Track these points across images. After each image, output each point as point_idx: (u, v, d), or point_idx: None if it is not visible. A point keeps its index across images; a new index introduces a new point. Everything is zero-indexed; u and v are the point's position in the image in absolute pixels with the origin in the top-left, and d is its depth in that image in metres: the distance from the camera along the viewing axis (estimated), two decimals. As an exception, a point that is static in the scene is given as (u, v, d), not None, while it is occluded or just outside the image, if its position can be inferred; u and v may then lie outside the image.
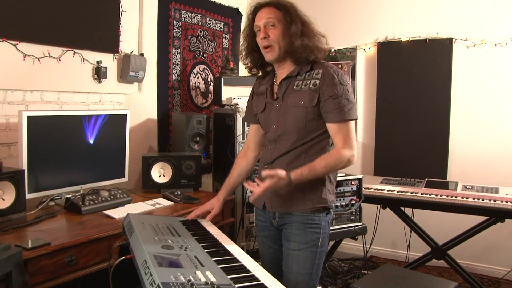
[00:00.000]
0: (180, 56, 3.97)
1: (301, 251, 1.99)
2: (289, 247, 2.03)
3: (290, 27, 1.97)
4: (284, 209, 2.04)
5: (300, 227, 2.00)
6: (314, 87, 1.95)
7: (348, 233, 3.14)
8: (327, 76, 1.94)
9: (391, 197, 3.29)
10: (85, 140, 2.85)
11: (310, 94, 1.95)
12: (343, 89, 1.92)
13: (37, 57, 2.78)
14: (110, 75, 3.28)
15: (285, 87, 2.04)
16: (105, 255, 2.23)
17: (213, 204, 2.29)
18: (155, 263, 1.43)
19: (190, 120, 3.54)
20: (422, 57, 4.07)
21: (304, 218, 2.00)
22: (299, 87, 1.99)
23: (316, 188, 2.00)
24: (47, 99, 2.89)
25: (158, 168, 3.24)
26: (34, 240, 2.01)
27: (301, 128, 1.98)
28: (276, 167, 2.00)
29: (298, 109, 1.98)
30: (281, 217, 2.07)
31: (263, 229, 2.19)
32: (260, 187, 1.84)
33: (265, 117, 2.13)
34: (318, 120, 1.97)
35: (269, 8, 2.01)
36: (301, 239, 1.99)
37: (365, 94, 4.47)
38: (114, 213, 2.55)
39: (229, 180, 2.32)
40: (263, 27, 2.00)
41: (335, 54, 4.52)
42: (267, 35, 1.99)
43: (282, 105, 2.04)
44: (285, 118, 2.02)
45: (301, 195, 2.00)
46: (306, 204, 1.99)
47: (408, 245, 3.93)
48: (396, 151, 4.25)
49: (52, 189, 2.69)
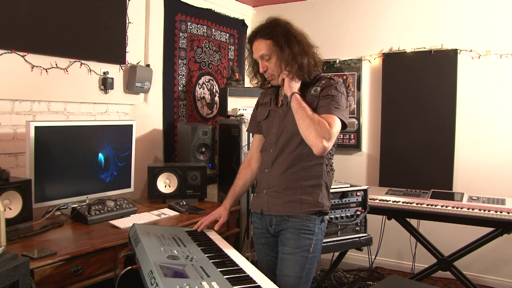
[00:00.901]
0: (186, 67, 3.99)
1: (293, 255, 2.02)
2: (282, 251, 2.06)
3: (283, 54, 2.02)
4: (281, 213, 2.06)
5: (294, 233, 2.03)
6: (314, 93, 2.03)
7: (353, 244, 3.12)
8: (327, 83, 2.03)
9: (397, 208, 3.28)
10: (91, 150, 2.86)
11: (311, 98, 2.02)
12: (338, 94, 1.99)
13: (45, 68, 2.81)
14: (117, 86, 3.31)
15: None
16: (111, 265, 2.22)
17: (220, 213, 2.31)
18: (161, 273, 1.43)
19: (196, 130, 3.55)
20: (427, 68, 4.08)
21: (299, 224, 2.03)
22: (303, 95, 2.04)
23: (312, 192, 2.04)
24: (54, 109, 2.92)
25: (164, 179, 3.24)
26: (40, 250, 2.02)
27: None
28: (275, 169, 2.09)
29: None
30: (277, 223, 2.09)
31: (260, 236, 2.21)
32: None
33: (268, 123, 2.18)
34: None
35: (260, 41, 2.06)
36: (294, 244, 2.03)
37: (370, 104, 4.47)
38: (120, 223, 2.55)
39: (234, 189, 2.34)
40: (260, 60, 2.09)
41: (340, 65, 4.53)
42: (265, 68, 2.08)
43: (285, 111, 2.10)
44: (287, 122, 2.07)
45: (298, 198, 2.04)
46: (303, 207, 2.03)
47: (413, 256, 3.91)
48: (401, 161, 4.24)
49: (58, 199, 2.70)
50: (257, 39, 2.08)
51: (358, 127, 4.48)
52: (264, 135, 2.23)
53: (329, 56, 4.57)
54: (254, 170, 2.32)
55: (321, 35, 4.61)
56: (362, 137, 4.51)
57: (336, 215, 3.03)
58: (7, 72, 2.61)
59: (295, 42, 2.03)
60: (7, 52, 2.59)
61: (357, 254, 3.75)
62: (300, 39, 2.06)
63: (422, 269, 3.57)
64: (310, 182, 2.05)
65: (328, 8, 4.59)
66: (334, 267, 3.57)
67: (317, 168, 2.05)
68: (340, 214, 3.05)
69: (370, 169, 4.49)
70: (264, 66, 2.08)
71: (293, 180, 2.05)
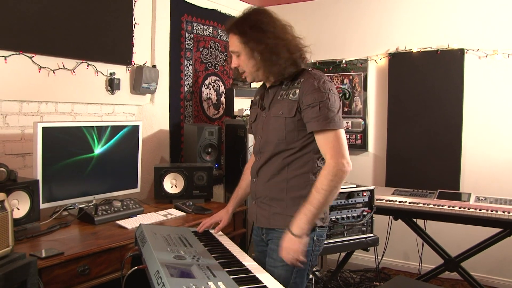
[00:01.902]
0: (192, 67, 4.00)
1: (276, 268, 1.90)
2: (267, 263, 1.96)
3: (253, 52, 1.87)
4: (267, 225, 1.98)
5: (277, 244, 1.87)
6: (293, 97, 1.86)
7: (359, 245, 3.12)
8: (306, 84, 1.83)
9: (403, 208, 3.27)
10: (98, 151, 2.87)
11: (290, 104, 1.86)
12: (323, 96, 1.79)
13: (52, 69, 2.82)
14: (123, 86, 3.32)
15: (271, 96, 1.97)
16: (118, 265, 2.23)
17: (221, 216, 2.26)
18: (167, 273, 1.44)
19: (202, 131, 3.55)
20: (433, 68, 4.06)
21: (283, 236, 1.85)
22: (282, 97, 1.91)
23: (298, 204, 1.85)
24: (61, 110, 2.93)
25: (170, 179, 3.24)
26: (47, 250, 2.03)
27: (281, 139, 1.90)
28: (261, 178, 1.99)
29: (278, 119, 1.90)
30: (266, 233, 2.03)
31: (257, 244, 2.15)
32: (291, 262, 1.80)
33: (255, 127, 2.09)
34: (298, 132, 1.87)
35: (231, 36, 1.93)
36: (277, 257, 1.86)
37: (376, 105, 4.46)
38: (127, 223, 2.56)
39: (237, 191, 2.29)
40: (233, 56, 1.96)
41: (346, 66, 4.53)
42: (236, 64, 1.96)
43: (267, 115, 1.97)
44: (267, 129, 1.95)
45: (283, 211, 1.92)
46: (288, 220, 1.84)
47: (420, 256, 3.89)
48: (408, 162, 4.23)
49: (65, 199, 2.71)
50: (229, 33, 1.94)
51: (364, 127, 4.48)
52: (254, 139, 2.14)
53: (335, 57, 4.56)
54: None
55: (327, 35, 4.62)
56: (369, 137, 4.50)
57: (342, 215, 3.03)
58: (15, 73, 2.63)
59: (264, 36, 1.84)
60: (15, 54, 2.61)
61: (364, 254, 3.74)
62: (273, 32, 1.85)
63: (429, 269, 3.56)
64: (296, 193, 1.90)
65: (334, 8, 4.58)
66: (341, 268, 3.57)
67: (304, 178, 1.90)
68: (346, 214, 3.04)
69: (376, 169, 4.48)
70: (235, 62, 1.95)
71: (277, 191, 1.93)
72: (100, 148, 2.88)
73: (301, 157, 1.90)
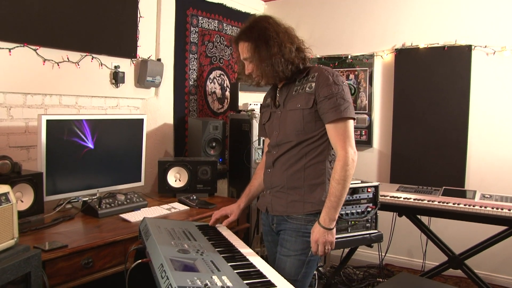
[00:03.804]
0: (197, 61, 3.99)
1: (289, 257, 2.00)
2: (280, 252, 2.05)
3: (263, 56, 1.98)
4: (284, 213, 2.05)
5: (292, 235, 2.01)
6: (310, 90, 1.98)
7: (363, 241, 3.10)
8: (322, 78, 1.96)
9: (408, 205, 3.25)
10: (103, 144, 2.88)
11: (306, 96, 1.98)
12: (338, 88, 1.93)
13: (57, 61, 2.82)
14: (128, 80, 3.32)
15: (285, 93, 2.08)
16: (121, 259, 2.25)
17: (232, 210, 2.30)
18: (171, 267, 1.44)
19: (207, 125, 3.57)
20: (440, 64, 4.04)
21: (297, 226, 2.01)
22: (297, 92, 2.03)
23: (315, 191, 2.00)
24: (65, 103, 2.94)
25: (174, 173, 3.25)
26: (51, 242, 2.04)
27: (300, 131, 2.00)
28: (277, 169, 2.08)
29: (295, 112, 2.01)
30: (277, 223, 2.09)
31: (267, 233, 2.22)
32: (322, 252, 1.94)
33: (269, 126, 2.17)
34: (316, 122, 1.98)
35: (241, 44, 2.06)
36: (291, 246, 2.00)
37: (382, 101, 4.44)
38: (130, 217, 2.57)
39: (249, 188, 2.34)
40: (245, 63, 2.08)
41: (352, 61, 4.50)
42: (250, 70, 2.07)
43: (283, 111, 2.08)
44: (284, 123, 2.05)
45: (300, 198, 2.01)
46: (305, 207, 2.00)
47: (424, 253, 3.88)
48: (413, 158, 4.21)
49: (69, 192, 2.72)
50: (238, 41, 2.07)
51: (370, 123, 4.47)
52: (268, 137, 2.22)
53: (340, 52, 4.55)
54: None
55: (333, 30, 4.59)
56: (374, 134, 4.49)
57: (346, 211, 3.01)
58: (19, 65, 2.63)
59: (272, 41, 1.97)
60: (19, 46, 2.61)
61: (367, 250, 3.75)
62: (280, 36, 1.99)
63: (433, 266, 3.54)
64: (312, 180, 2.01)
65: (340, 3, 4.56)
66: (344, 264, 3.56)
67: (320, 166, 2.01)
68: (350, 210, 3.02)
69: (381, 165, 4.47)
70: (248, 68, 2.07)
71: (295, 179, 2.03)
72: (104, 141, 2.88)
73: (319, 146, 2.01)
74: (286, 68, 1.99)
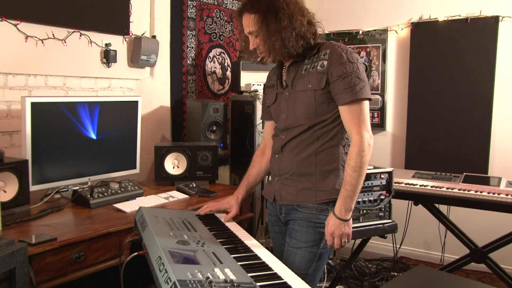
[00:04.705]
0: (195, 38, 3.96)
1: (300, 249, 2.00)
2: (289, 244, 2.04)
3: (272, 30, 1.93)
4: (294, 202, 2.03)
5: (303, 225, 2.01)
6: (321, 69, 1.95)
7: (376, 231, 3.08)
8: (335, 55, 1.93)
9: (424, 192, 3.22)
10: (94, 128, 2.86)
11: (318, 76, 1.95)
12: (353, 67, 1.90)
13: (41, 38, 2.78)
14: (120, 59, 3.29)
15: (293, 73, 2.05)
16: (116, 252, 2.25)
17: (231, 204, 2.26)
18: (170, 259, 1.44)
19: (206, 108, 3.55)
20: (462, 39, 3.98)
21: (308, 215, 2.00)
22: (307, 71, 2.00)
23: (327, 178, 1.99)
24: (52, 84, 2.90)
25: (172, 159, 3.24)
26: (38, 235, 2.02)
27: (311, 113, 1.97)
28: (286, 154, 2.06)
29: (306, 93, 1.98)
30: (286, 212, 2.09)
31: (273, 224, 2.22)
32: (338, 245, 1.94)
33: (276, 108, 2.14)
34: (328, 104, 1.96)
35: (246, 16, 2.00)
36: (302, 237, 2.00)
37: (396, 80, 4.41)
38: (125, 207, 2.56)
39: (247, 178, 2.31)
40: (250, 37, 2.04)
41: (363, 37, 4.47)
42: (255, 45, 2.03)
43: (291, 93, 2.05)
44: (294, 105, 2.02)
45: (312, 185, 2.00)
46: (318, 195, 1.99)
47: (443, 246, 3.87)
48: (430, 142, 4.19)
49: (58, 180, 2.70)
50: (243, 13, 2.02)
51: (383, 105, 4.45)
52: (274, 121, 2.19)
53: (351, 27, 4.51)
54: (268, 157, 2.28)
55: (343, 3, 4.55)
56: (387, 115, 4.47)
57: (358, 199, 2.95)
58: (-2, 42, 2.59)
59: (282, 13, 1.92)
60: (-3, 20, 2.57)
61: (381, 242, 3.73)
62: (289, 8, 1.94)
63: (453, 260, 3.52)
64: (325, 167, 1.99)
65: (351, -27, 4.51)
66: (355, 256, 3.54)
67: (333, 151, 1.99)
68: (362, 198, 3.00)
69: (395, 150, 4.45)
70: (254, 43, 2.02)
71: (306, 166, 2.01)
72: (95, 125, 2.86)
73: (331, 130, 1.99)
74: (296, 44, 1.94)
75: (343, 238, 1.92)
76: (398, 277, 3.03)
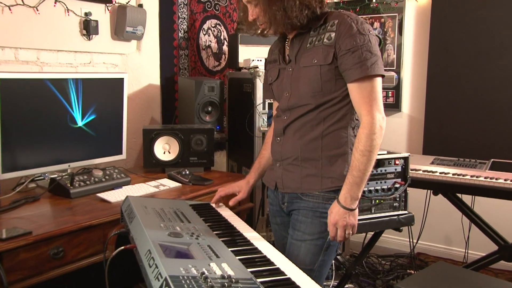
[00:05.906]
0: (187, 8, 3.96)
1: (304, 242, 2.02)
2: (292, 236, 2.06)
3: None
4: (298, 190, 2.04)
5: (308, 215, 2.02)
6: (328, 41, 1.93)
7: (390, 224, 3.08)
8: (344, 26, 1.91)
9: (445, 181, 3.21)
10: (73, 109, 2.85)
11: (325, 49, 1.93)
12: (364, 39, 1.88)
13: (7, 5, 2.74)
14: (102, 30, 3.28)
15: (297, 46, 2.05)
16: (100, 246, 2.25)
17: (241, 187, 2.32)
18: (161, 253, 1.44)
19: (201, 86, 3.56)
20: (492, 6, 3.93)
21: (314, 204, 2.01)
22: (313, 44, 1.99)
23: (335, 163, 1.99)
24: (23, 58, 2.89)
25: (163, 143, 3.26)
26: (10, 229, 2.00)
27: (317, 92, 1.97)
28: (288, 137, 2.06)
29: (311, 69, 1.97)
30: (289, 201, 2.10)
31: (275, 214, 2.25)
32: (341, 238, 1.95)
33: (278, 86, 2.15)
34: (336, 81, 1.95)
35: None
36: (306, 228, 2.01)
37: (414, 55, 4.40)
38: (110, 197, 2.57)
39: (259, 161, 2.35)
40: (248, 6, 2.04)
41: (377, 5, 4.45)
42: (254, 15, 2.02)
43: (295, 68, 2.05)
44: (298, 82, 2.02)
45: (317, 172, 2.00)
46: (324, 182, 1.99)
47: (466, 241, 3.87)
48: (451, 125, 4.18)
49: (32, 168, 2.71)
50: None
51: (398, 82, 4.45)
52: (276, 100, 2.21)
53: (363, -6, 4.48)
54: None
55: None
56: (403, 95, 4.47)
57: (370, 187, 2.99)
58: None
59: None
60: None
61: (395, 236, 3.74)
62: None
63: (478, 257, 3.52)
64: (332, 151, 1.99)
65: None
66: (367, 251, 3.55)
67: (341, 133, 1.99)
68: (374, 186, 3.00)
69: (411, 133, 4.46)
70: (253, 13, 2.01)
71: (311, 150, 2.01)
72: (75, 106, 2.86)
73: (339, 110, 1.98)
74: (300, 14, 1.93)
75: (347, 230, 1.92)
76: (415, 275, 3.04)
